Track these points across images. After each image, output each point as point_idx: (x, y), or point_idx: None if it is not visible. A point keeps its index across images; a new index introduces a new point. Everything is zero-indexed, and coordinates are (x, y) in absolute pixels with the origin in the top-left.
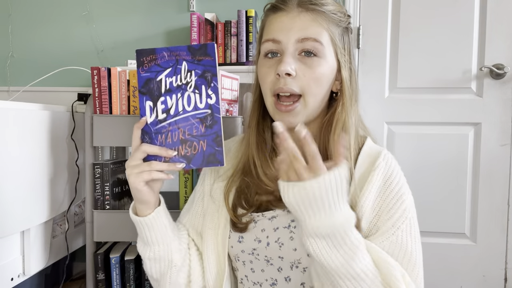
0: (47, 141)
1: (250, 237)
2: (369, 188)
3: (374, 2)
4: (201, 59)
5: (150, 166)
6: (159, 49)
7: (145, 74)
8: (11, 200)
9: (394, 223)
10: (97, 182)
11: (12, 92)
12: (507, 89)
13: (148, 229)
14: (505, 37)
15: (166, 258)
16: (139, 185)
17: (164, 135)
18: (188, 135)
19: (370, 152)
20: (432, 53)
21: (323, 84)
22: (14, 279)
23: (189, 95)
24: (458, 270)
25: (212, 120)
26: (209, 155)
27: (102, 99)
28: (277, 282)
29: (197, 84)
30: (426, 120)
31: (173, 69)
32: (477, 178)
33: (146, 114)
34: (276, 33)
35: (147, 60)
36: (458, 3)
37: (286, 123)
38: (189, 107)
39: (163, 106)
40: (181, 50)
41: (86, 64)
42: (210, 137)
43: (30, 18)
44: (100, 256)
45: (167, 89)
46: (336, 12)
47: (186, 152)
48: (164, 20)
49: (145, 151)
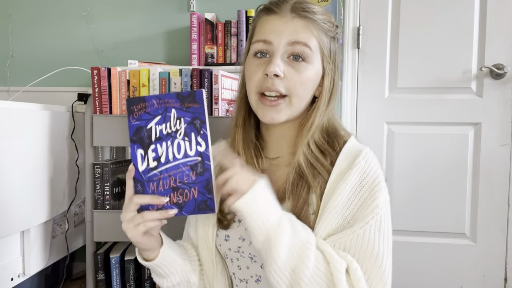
0: (47, 141)
1: (235, 236)
2: (343, 185)
3: (374, 2)
4: (189, 106)
5: (144, 218)
6: (148, 97)
7: (136, 122)
8: (11, 200)
9: (364, 217)
10: (97, 182)
11: (12, 92)
12: (507, 89)
13: (160, 268)
14: (505, 37)
15: (184, 282)
16: (137, 237)
17: (155, 183)
18: (179, 183)
19: (351, 150)
20: (432, 53)
21: (308, 88)
22: (14, 279)
23: (179, 142)
24: (458, 270)
25: (202, 168)
26: (201, 202)
27: (102, 99)
28: (261, 279)
29: (186, 131)
30: (426, 120)
31: (162, 116)
32: (477, 178)
33: (138, 162)
34: (268, 34)
35: (137, 109)
36: (458, 3)
37: (269, 119)
38: (179, 155)
39: (153, 154)
40: (170, 97)
41: (86, 64)
42: (200, 184)
43: (30, 18)
44: (100, 256)
45: (157, 137)
46: (326, 21)
47: (178, 200)
48: (164, 20)
49: (138, 203)
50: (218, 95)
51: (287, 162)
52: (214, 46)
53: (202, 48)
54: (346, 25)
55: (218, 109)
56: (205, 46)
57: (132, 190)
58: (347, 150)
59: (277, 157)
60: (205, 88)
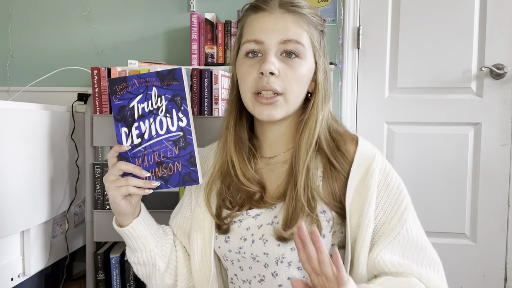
0: (47, 141)
1: (236, 237)
2: (369, 195)
3: (374, 2)
4: (170, 84)
5: (127, 182)
6: (129, 76)
7: (118, 101)
8: (11, 200)
9: (399, 217)
10: (97, 182)
11: (12, 92)
12: (507, 89)
13: (129, 238)
14: (505, 37)
15: (149, 263)
16: (117, 198)
17: (140, 159)
18: (163, 157)
19: (363, 157)
20: (432, 53)
21: (303, 84)
22: (14, 279)
23: (161, 119)
24: (458, 270)
25: (184, 142)
26: (185, 175)
27: (102, 99)
28: (265, 278)
29: (167, 108)
30: (426, 120)
31: (144, 95)
32: (477, 178)
33: (122, 140)
34: (258, 33)
35: (119, 88)
36: (458, 3)
37: (266, 116)
38: (161, 131)
39: (137, 131)
40: (150, 76)
41: (86, 64)
42: (184, 158)
43: (30, 18)
44: (100, 256)
45: (140, 115)
46: (314, 15)
47: (162, 174)
48: (164, 20)
49: (121, 169)
50: (218, 95)
51: (283, 160)
52: (214, 46)
53: (202, 48)
54: (346, 25)
55: (218, 109)
56: (205, 46)
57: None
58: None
59: (274, 156)
60: (205, 88)
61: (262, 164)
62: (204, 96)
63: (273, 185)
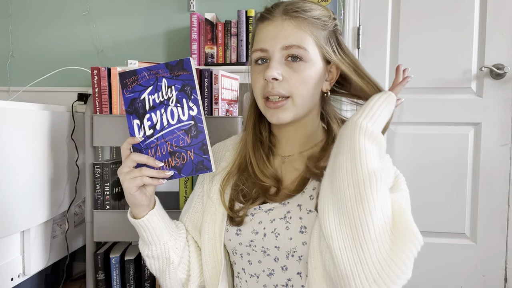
0: (47, 141)
1: (247, 230)
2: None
3: (374, 2)
4: (179, 74)
5: (141, 172)
6: (139, 69)
7: (129, 94)
8: (11, 200)
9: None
10: (97, 182)
11: (12, 92)
12: (507, 89)
13: (144, 230)
14: (505, 37)
15: (163, 256)
16: (132, 189)
17: (153, 150)
18: (175, 147)
19: None
20: (432, 53)
21: (310, 86)
22: (14, 279)
23: (172, 109)
24: (458, 270)
25: (196, 131)
26: (198, 163)
27: (102, 99)
28: (274, 272)
29: (178, 98)
30: (426, 120)
31: (154, 87)
32: (477, 178)
33: (135, 132)
34: (263, 42)
35: (130, 82)
36: (458, 3)
37: (275, 119)
38: (173, 121)
39: (149, 123)
40: (159, 68)
41: (86, 64)
42: (196, 146)
43: (30, 18)
44: (100, 256)
45: (151, 106)
46: (320, 17)
47: (176, 163)
48: (164, 20)
49: (134, 160)
50: (218, 95)
51: (298, 159)
52: (214, 46)
53: (202, 48)
54: (346, 25)
55: (218, 109)
56: (205, 46)
57: (128, 152)
58: None
59: (290, 155)
60: (205, 88)
61: (278, 161)
62: (204, 96)
63: (289, 180)
